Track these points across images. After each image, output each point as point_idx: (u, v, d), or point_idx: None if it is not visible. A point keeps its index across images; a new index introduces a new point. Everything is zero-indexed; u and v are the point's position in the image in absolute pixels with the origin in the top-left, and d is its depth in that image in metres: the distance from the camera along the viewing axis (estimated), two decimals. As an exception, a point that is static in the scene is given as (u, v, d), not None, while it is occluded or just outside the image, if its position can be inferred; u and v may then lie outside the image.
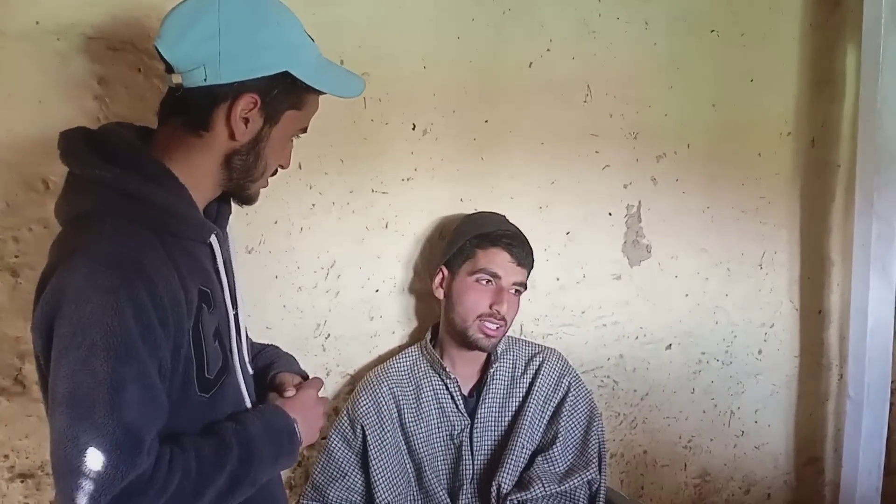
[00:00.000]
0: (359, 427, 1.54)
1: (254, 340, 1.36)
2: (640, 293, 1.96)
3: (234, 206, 1.18)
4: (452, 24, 1.67)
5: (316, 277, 1.65)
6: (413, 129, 1.68)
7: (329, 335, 1.68)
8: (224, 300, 1.11)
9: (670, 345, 2.02)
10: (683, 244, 1.98)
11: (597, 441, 1.59)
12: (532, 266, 1.60)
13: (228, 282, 1.13)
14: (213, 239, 1.08)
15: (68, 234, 1.01)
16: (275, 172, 1.15)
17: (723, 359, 2.08)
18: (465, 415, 1.58)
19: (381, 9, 1.61)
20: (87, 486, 0.87)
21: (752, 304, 2.08)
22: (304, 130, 1.14)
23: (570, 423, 1.59)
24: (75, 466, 0.87)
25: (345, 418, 1.57)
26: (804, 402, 2.20)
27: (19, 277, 1.44)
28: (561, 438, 1.56)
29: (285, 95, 1.05)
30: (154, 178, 1.00)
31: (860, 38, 1.89)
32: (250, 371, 1.22)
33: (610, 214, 1.89)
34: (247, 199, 1.14)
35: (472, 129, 1.73)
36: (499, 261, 1.54)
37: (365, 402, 1.56)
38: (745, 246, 2.04)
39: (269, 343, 1.39)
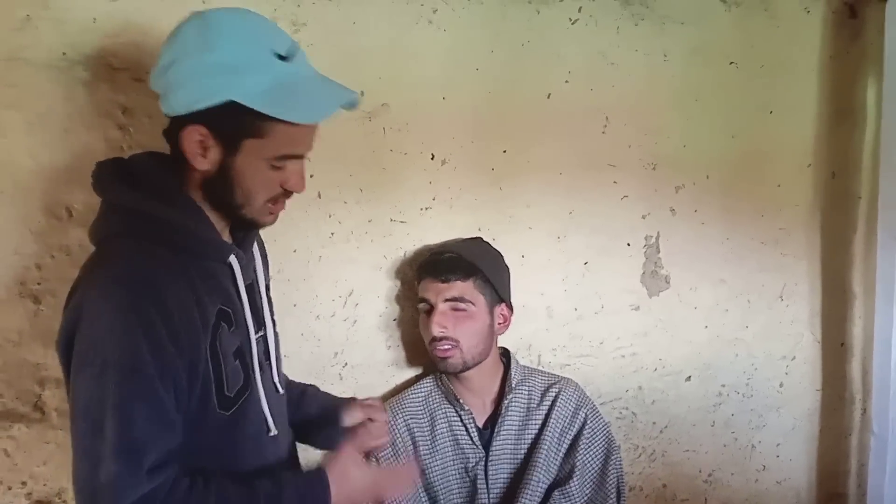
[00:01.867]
0: (373, 460, 1.53)
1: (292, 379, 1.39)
2: (659, 324, 1.94)
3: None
4: (471, 56, 1.68)
5: (334, 306, 1.65)
6: (431, 158, 1.68)
7: (346, 364, 1.68)
8: (245, 320, 1.12)
9: (690, 377, 1.99)
10: (702, 275, 1.96)
11: (615, 475, 1.56)
12: (472, 272, 1.54)
13: (251, 303, 1.14)
14: (233, 259, 1.10)
15: (92, 255, 1.06)
16: (289, 195, 1.10)
17: (743, 391, 2.05)
18: (480, 447, 1.56)
19: (400, 40, 1.62)
20: (98, 500, 0.91)
21: (773, 336, 2.06)
22: (296, 156, 1.07)
23: (588, 456, 1.57)
24: (87, 480, 0.92)
25: None
26: (826, 436, 2.16)
27: (41, 304, 1.45)
28: (578, 472, 1.53)
29: (235, 124, 1.00)
30: (173, 202, 1.04)
31: (881, 69, 1.88)
32: (281, 391, 1.22)
33: (628, 245, 1.89)
34: (252, 224, 1.12)
35: (491, 160, 1.73)
36: (426, 287, 1.55)
37: None
38: (766, 277, 2.02)
39: (309, 384, 1.43)
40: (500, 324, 1.61)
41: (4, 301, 1.44)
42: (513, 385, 1.59)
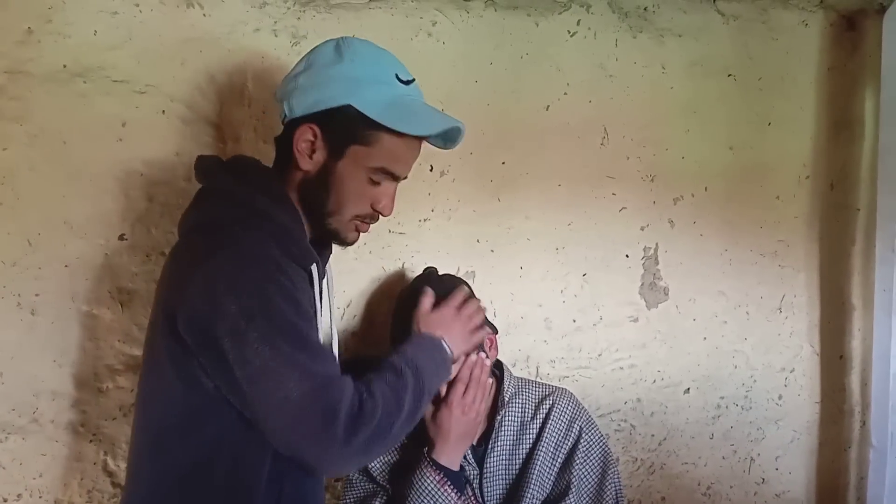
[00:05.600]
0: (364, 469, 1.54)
1: None
2: (658, 336, 1.94)
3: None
4: (471, 68, 1.69)
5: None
6: (431, 170, 1.69)
7: (344, 375, 1.68)
8: (318, 327, 1.17)
9: (688, 389, 1.99)
10: (701, 287, 1.96)
11: (613, 489, 1.53)
12: None
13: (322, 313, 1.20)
14: (314, 268, 1.14)
15: (199, 240, 1.06)
16: (376, 218, 1.18)
17: (742, 404, 2.05)
18: (473, 464, 1.54)
19: (401, 53, 1.61)
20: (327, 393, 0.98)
21: (772, 348, 2.06)
22: (393, 177, 1.15)
23: (584, 470, 1.52)
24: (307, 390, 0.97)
25: None
26: (826, 449, 2.15)
27: (38, 316, 1.45)
28: (574, 488, 1.49)
29: (347, 128, 1.08)
30: (279, 201, 1.09)
31: (879, 81, 1.89)
32: None
33: (627, 256, 1.89)
34: (336, 236, 1.17)
35: (489, 171, 1.74)
36: None
37: None
38: (764, 289, 2.02)
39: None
40: (490, 349, 1.54)
41: (2, 312, 1.44)
42: (505, 400, 1.54)
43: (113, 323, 1.52)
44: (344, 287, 1.65)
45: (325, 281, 1.23)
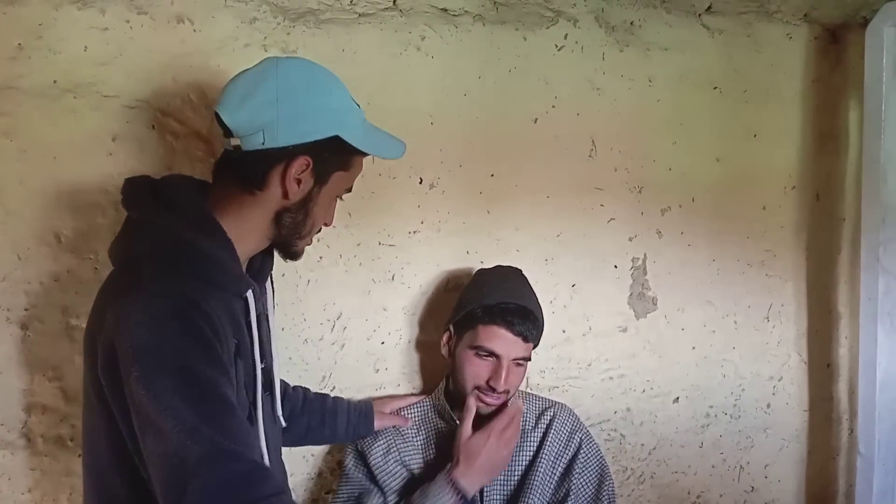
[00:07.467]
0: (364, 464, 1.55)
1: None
2: (647, 346, 1.95)
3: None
4: (459, 82, 1.71)
5: (322, 330, 1.66)
6: (420, 183, 1.70)
7: (334, 387, 1.68)
8: (252, 353, 1.15)
9: (678, 398, 2.00)
10: (689, 297, 1.98)
11: (608, 500, 1.57)
12: (539, 335, 1.54)
13: (260, 336, 1.17)
14: (249, 294, 1.13)
15: (120, 275, 1.07)
16: (319, 230, 1.21)
17: (731, 412, 2.06)
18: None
19: (390, 67, 1.64)
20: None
21: (760, 357, 2.07)
22: (349, 190, 1.22)
23: (582, 480, 1.57)
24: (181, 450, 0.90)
25: (351, 454, 1.58)
26: (814, 457, 2.17)
27: (28, 330, 1.45)
28: (573, 497, 1.53)
29: (335, 157, 1.13)
30: (204, 229, 1.07)
31: (862, 93, 1.92)
32: (282, 423, 1.30)
33: (615, 267, 1.90)
34: (293, 255, 1.21)
35: (479, 183, 1.75)
36: (499, 340, 1.47)
37: (370, 442, 1.57)
38: (752, 299, 2.04)
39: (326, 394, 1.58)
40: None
41: (-8, 327, 1.44)
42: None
43: (103, 337, 1.52)
44: (333, 299, 1.66)
45: (264, 298, 1.22)
